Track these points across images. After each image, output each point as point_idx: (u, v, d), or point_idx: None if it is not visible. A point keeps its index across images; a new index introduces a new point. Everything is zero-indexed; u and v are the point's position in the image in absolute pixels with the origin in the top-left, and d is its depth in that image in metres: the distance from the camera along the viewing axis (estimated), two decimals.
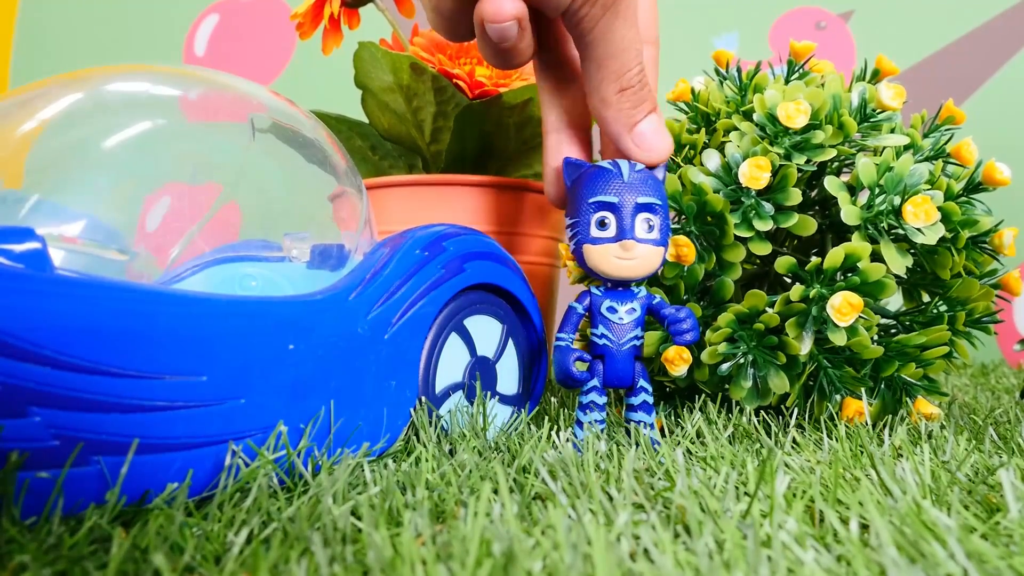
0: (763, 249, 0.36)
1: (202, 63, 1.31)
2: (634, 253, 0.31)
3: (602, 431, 0.32)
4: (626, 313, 0.33)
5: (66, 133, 0.29)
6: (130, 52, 1.32)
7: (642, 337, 0.33)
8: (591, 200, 0.32)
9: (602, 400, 0.33)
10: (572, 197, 0.33)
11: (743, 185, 0.35)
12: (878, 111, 0.38)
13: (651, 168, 0.33)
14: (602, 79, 0.31)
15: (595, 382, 0.33)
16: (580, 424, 0.33)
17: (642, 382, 0.33)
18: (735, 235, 0.36)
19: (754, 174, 0.35)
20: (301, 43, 1.22)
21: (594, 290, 0.33)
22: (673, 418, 0.38)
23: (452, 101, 0.49)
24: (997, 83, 1.01)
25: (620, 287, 0.33)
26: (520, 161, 0.53)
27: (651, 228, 0.32)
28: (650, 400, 0.33)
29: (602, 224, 0.31)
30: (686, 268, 0.37)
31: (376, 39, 0.50)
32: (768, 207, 0.36)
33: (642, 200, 0.31)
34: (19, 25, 1.39)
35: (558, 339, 0.33)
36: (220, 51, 1.31)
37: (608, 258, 0.31)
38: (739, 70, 0.41)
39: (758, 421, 0.36)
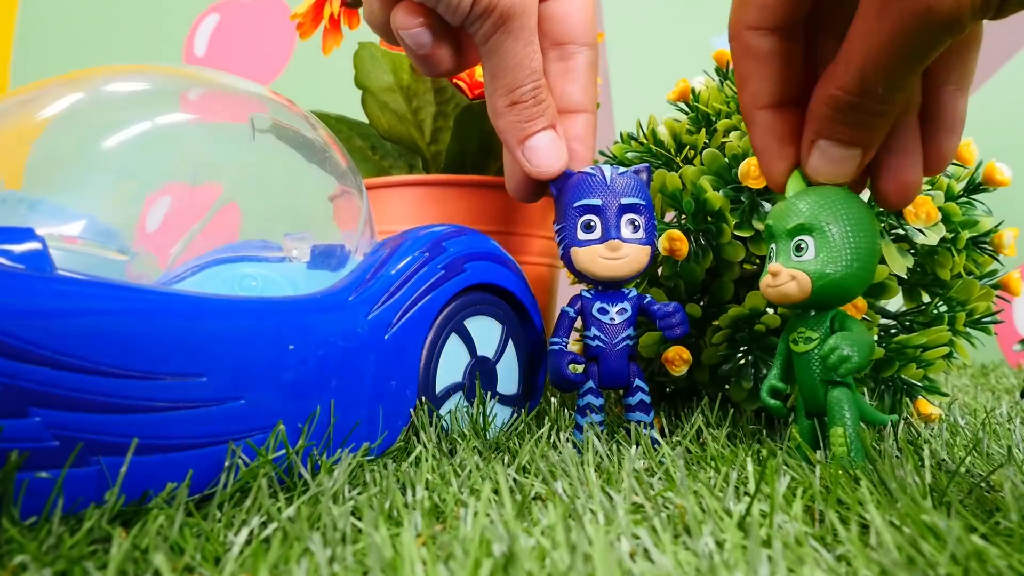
0: (763, 249, 0.36)
1: (202, 63, 1.31)
2: (620, 253, 0.32)
3: (602, 431, 0.32)
4: (617, 314, 0.33)
5: (66, 133, 0.29)
6: (130, 52, 1.32)
7: (635, 337, 0.34)
8: (576, 204, 0.32)
9: (599, 402, 0.33)
10: (558, 204, 0.34)
11: (742, 184, 0.35)
12: None
13: (550, 180, 0.33)
14: (494, 90, 0.33)
15: (590, 384, 0.33)
16: (580, 428, 0.33)
17: (638, 382, 0.33)
18: (735, 234, 0.36)
19: (753, 173, 0.35)
20: (301, 43, 1.22)
21: (585, 293, 0.34)
22: (673, 418, 0.38)
23: (452, 101, 0.49)
24: (997, 83, 1.01)
25: (610, 289, 0.33)
26: None
27: (636, 228, 0.32)
28: (647, 399, 0.33)
29: (588, 227, 0.32)
30: (679, 265, 0.37)
31: (376, 39, 0.50)
32: (768, 206, 0.36)
33: (626, 201, 0.32)
34: (19, 25, 1.39)
35: (551, 343, 0.33)
36: (220, 51, 1.31)
37: (595, 259, 0.32)
38: None
39: (758, 422, 0.37)
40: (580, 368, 0.33)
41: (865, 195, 0.30)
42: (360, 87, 0.52)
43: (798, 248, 0.28)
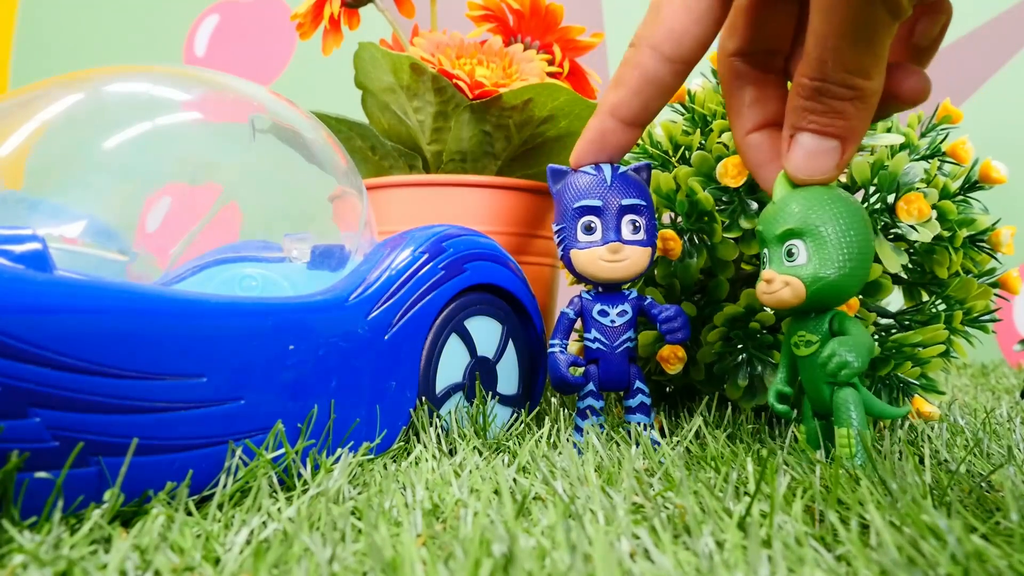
0: (754, 248, 0.36)
1: (202, 63, 1.31)
2: (621, 255, 0.31)
3: (602, 432, 0.32)
4: (617, 316, 0.33)
5: (67, 134, 0.29)
6: (130, 52, 1.32)
7: (635, 339, 0.33)
8: (575, 205, 0.32)
9: (599, 404, 0.33)
10: (557, 203, 0.33)
11: (722, 184, 0.35)
12: None
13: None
14: None
15: (591, 386, 0.33)
16: (580, 430, 0.33)
17: (638, 383, 0.33)
18: (725, 235, 0.36)
19: (731, 172, 0.35)
20: (301, 43, 1.22)
21: (584, 295, 0.33)
22: (673, 418, 0.38)
23: (452, 101, 0.49)
24: (997, 83, 1.01)
25: (610, 290, 0.33)
26: (520, 161, 0.53)
27: (637, 229, 0.32)
28: (647, 401, 0.33)
29: (588, 228, 0.32)
30: (674, 264, 0.37)
31: (376, 39, 0.50)
32: (754, 206, 0.36)
33: (626, 202, 0.32)
34: (19, 25, 1.39)
35: (551, 345, 0.33)
36: (220, 51, 1.31)
37: (596, 262, 0.32)
38: None
39: (758, 421, 0.37)
40: (580, 371, 0.33)
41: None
42: (360, 87, 0.52)
43: (789, 253, 0.27)
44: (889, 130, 0.38)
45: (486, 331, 0.36)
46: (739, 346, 0.37)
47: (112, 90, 0.30)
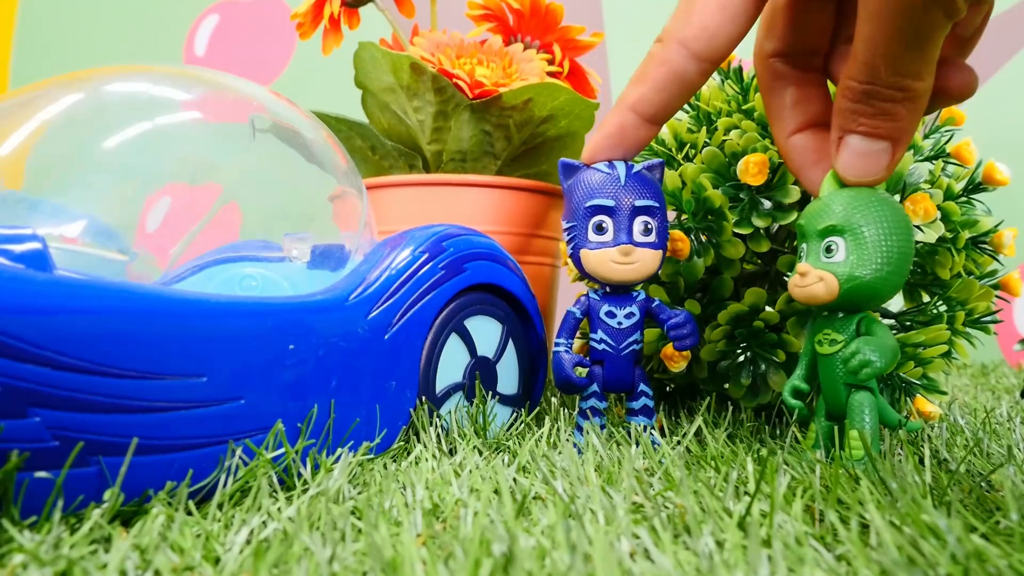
0: (762, 246, 0.36)
1: (202, 63, 1.31)
2: (633, 257, 0.31)
3: (603, 432, 0.32)
4: (625, 317, 0.32)
5: (66, 134, 0.29)
6: (130, 52, 1.32)
7: (641, 341, 0.33)
8: (587, 204, 0.31)
9: (603, 405, 0.33)
10: (568, 200, 0.32)
11: (741, 182, 0.35)
12: None
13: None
14: None
15: (595, 387, 0.33)
16: (580, 429, 0.33)
17: (642, 386, 0.33)
18: (735, 232, 0.36)
19: (751, 171, 0.35)
20: (301, 43, 1.22)
21: (592, 294, 0.33)
22: (673, 418, 0.38)
23: (452, 101, 0.49)
24: (997, 83, 1.01)
25: (618, 290, 0.33)
26: (520, 161, 0.53)
27: (649, 231, 0.31)
28: (651, 404, 0.33)
29: (599, 228, 0.31)
30: (682, 264, 0.37)
31: (376, 39, 0.50)
32: (767, 204, 0.36)
33: (640, 203, 0.31)
34: (19, 25, 1.39)
35: (556, 344, 0.33)
36: (220, 51, 1.31)
37: (606, 263, 0.31)
38: (740, 69, 0.41)
39: (758, 420, 0.37)
40: (584, 371, 0.33)
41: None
42: (360, 87, 0.52)
43: (828, 249, 0.27)
44: None
45: (486, 331, 0.36)
46: (743, 345, 0.37)
47: (112, 90, 0.30)
